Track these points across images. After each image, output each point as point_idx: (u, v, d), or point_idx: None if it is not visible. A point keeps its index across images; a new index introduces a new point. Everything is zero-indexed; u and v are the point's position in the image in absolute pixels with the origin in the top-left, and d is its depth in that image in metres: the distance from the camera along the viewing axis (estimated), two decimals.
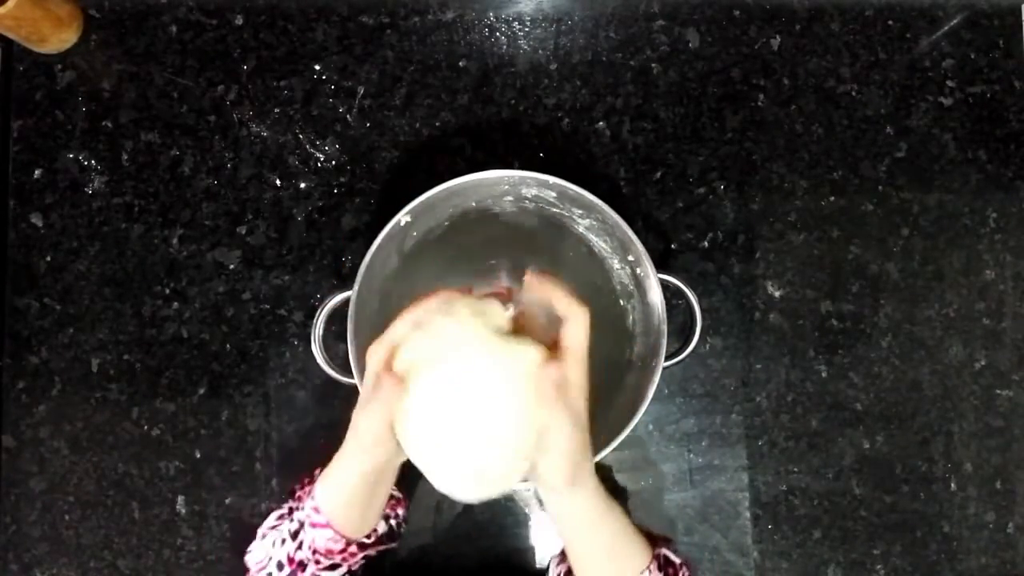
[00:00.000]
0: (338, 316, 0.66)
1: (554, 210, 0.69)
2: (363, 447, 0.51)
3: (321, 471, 0.56)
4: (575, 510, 0.52)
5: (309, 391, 0.76)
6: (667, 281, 0.65)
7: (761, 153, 0.79)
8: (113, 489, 0.74)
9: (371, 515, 0.56)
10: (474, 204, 0.69)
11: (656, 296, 0.64)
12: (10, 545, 0.74)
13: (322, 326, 0.65)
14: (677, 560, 0.57)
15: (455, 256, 0.73)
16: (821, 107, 0.79)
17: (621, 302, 0.72)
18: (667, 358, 0.65)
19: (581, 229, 0.71)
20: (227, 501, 0.75)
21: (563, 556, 0.59)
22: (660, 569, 0.55)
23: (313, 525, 0.54)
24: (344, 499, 0.54)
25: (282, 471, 0.75)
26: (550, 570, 0.64)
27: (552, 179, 0.63)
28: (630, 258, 0.66)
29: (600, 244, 0.70)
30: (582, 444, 0.50)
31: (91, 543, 0.74)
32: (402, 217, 0.63)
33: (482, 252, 0.75)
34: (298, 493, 0.58)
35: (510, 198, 0.69)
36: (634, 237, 0.63)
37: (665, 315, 0.64)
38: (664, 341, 0.63)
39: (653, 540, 0.57)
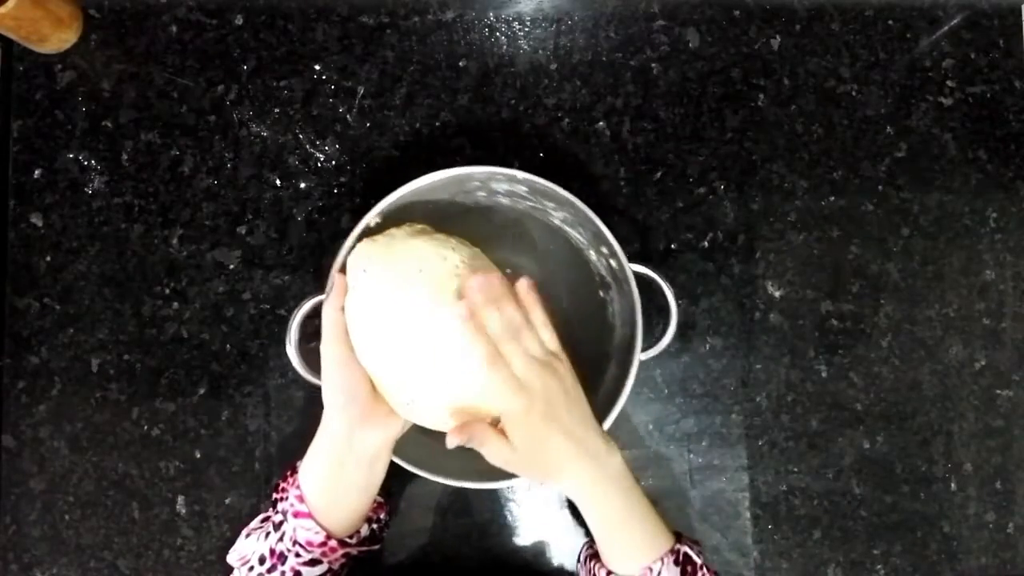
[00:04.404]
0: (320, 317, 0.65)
1: (528, 204, 0.69)
2: (330, 411, 0.55)
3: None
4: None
5: (309, 391, 0.76)
6: (641, 274, 0.65)
7: (761, 153, 0.79)
8: (113, 489, 0.74)
9: (355, 515, 0.57)
10: (447, 201, 0.68)
11: (631, 288, 0.64)
12: (10, 545, 0.74)
13: (297, 331, 0.64)
14: (698, 560, 0.56)
15: None
16: (821, 107, 0.79)
17: (600, 293, 0.72)
18: (644, 351, 0.65)
19: (557, 222, 0.70)
20: (227, 501, 0.75)
21: (591, 542, 0.60)
22: (677, 564, 0.55)
23: (296, 515, 0.54)
24: (323, 480, 0.55)
25: (282, 471, 0.75)
26: (580, 553, 0.65)
27: (520, 174, 0.62)
28: (604, 250, 0.66)
29: (575, 236, 0.70)
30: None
31: (91, 543, 0.74)
32: (371, 218, 0.62)
33: None
34: (282, 485, 0.58)
35: (483, 194, 0.68)
36: (606, 230, 0.63)
37: (640, 306, 0.63)
38: (639, 333, 0.63)
39: (679, 537, 0.58)
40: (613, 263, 0.65)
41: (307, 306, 0.64)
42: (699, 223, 0.78)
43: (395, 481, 0.74)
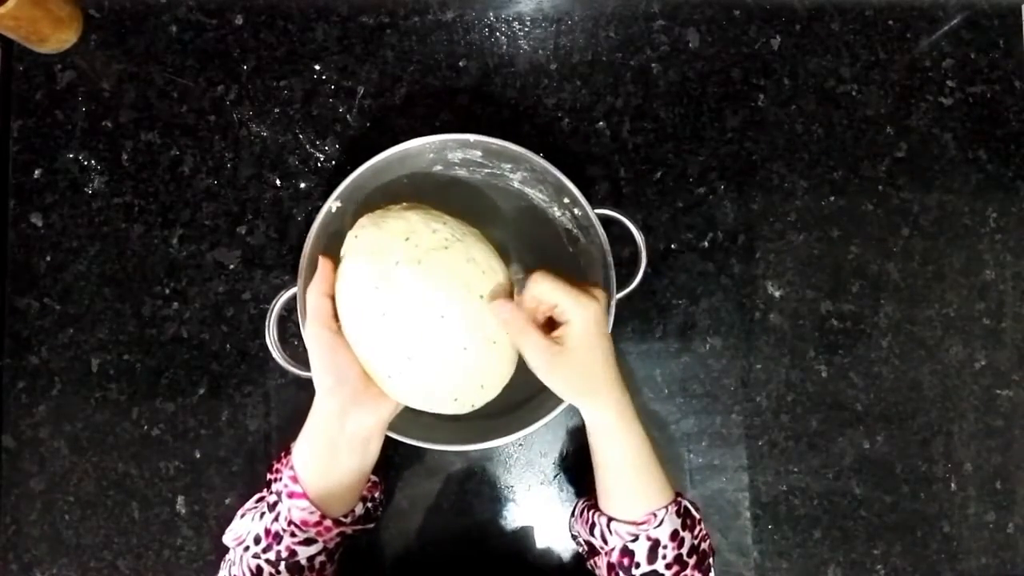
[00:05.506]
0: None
1: (486, 171, 0.69)
2: (320, 393, 0.55)
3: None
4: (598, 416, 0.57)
5: (309, 391, 0.75)
6: (605, 215, 0.66)
7: (761, 153, 0.79)
8: (113, 489, 0.74)
9: (349, 495, 0.57)
10: (406, 181, 0.68)
11: (597, 231, 0.65)
12: (10, 545, 0.74)
13: (276, 324, 0.65)
14: (697, 515, 0.59)
15: None
16: (821, 107, 0.79)
17: (571, 249, 0.72)
18: (621, 290, 0.66)
19: (516, 184, 0.70)
20: (227, 501, 0.75)
21: (588, 496, 0.62)
22: (679, 515, 0.57)
23: (290, 495, 0.54)
24: (316, 462, 0.55)
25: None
26: (575, 508, 0.67)
27: (473, 137, 0.63)
28: (566, 200, 0.66)
29: (537, 195, 0.70)
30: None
31: (91, 543, 0.74)
32: (332, 204, 0.63)
33: None
34: (276, 465, 0.59)
35: (439, 167, 0.68)
36: (564, 178, 0.64)
37: (609, 248, 0.64)
38: (613, 274, 0.64)
39: (679, 493, 0.60)
40: (577, 211, 0.66)
41: (285, 297, 0.64)
42: (699, 223, 0.78)
43: (396, 481, 0.74)
